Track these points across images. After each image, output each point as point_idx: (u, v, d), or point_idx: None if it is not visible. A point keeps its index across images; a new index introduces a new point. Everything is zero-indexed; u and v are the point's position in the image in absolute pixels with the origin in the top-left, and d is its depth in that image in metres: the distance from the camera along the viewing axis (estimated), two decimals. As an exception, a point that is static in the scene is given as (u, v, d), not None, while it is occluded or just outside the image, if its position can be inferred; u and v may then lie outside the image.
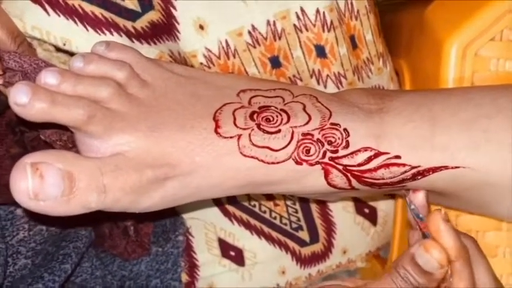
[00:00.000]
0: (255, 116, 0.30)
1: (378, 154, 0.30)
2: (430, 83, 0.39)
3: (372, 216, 0.45)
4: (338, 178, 0.31)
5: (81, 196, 0.26)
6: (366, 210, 0.45)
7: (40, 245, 0.36)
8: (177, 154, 0.29)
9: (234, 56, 0.35)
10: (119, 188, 0.27)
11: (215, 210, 0.43)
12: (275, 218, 0.44)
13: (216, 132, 0.29)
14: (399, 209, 0.44)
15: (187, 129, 0.29)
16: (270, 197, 0.43)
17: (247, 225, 0.43)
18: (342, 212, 0.44)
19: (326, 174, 0.30)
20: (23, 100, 0.26)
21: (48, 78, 0.27)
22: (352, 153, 0.30)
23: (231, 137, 0.29)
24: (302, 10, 0.34)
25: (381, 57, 0.39)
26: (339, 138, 0.30)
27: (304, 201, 0.44)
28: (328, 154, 0.30)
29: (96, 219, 0.36)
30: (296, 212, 0.44)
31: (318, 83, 0.38)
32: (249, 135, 0.30)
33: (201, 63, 0.35)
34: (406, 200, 0.31)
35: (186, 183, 0.29)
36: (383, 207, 0.45)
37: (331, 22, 0.35)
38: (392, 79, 0.42)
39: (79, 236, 0.38)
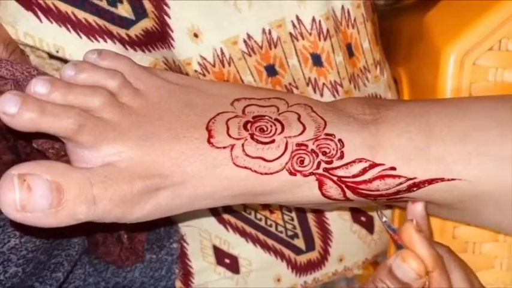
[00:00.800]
0: (248, 126, 0.30)
1: (373, 165, 0.30)
2: (427, 92, 0.38)
3: (368, 225, 0.45)
4: (332, 189, 0.30)
5: (70, 208, 0.26)
6: (363, 219, 0.45)
7: (31, 253, 0.36)
8: (169, 164, 0.28)
9: (229, 64, 0.35)
10: (109, 199, 0.27)
11: (210, 217, 0.43)
12: (270, 225, 0.43)
13: (209, 142, 0.29)
14: (396, 217, 0.43)
15: (180, 139, 0.29)
16: (265, 204, 0.43)
17: (243, 233, 0.43)
18: (339, 220, 0.44)
19: (320, 185, 0.30)
20: (12, 110, 0.25)
21: (38, 87, 0.27)
22: (346, 164, 0.30)
23: (224, 147, 0.29)
24: (298, 19, 0.34)
25: (378, 65, 0.39)
26: (333, 149, 0.30)
27: (300, 209, 0.43)
28: (323, 165, 0.30)
29: (88, 229, 0.36)
30: (292, 219, 0.44)
31: (315, 92, 0.37)
32: (242, 145, 0.29)
33: (196, 71, 0.35)
34: (377, 212, 0.31)
35: (178, 194, 0.29)
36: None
37: (327, 30, 0.34)
38: (389, 87, 0.41)
39: (71, 243, 0.38)
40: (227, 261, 0.43)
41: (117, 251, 0.41)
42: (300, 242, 0.44)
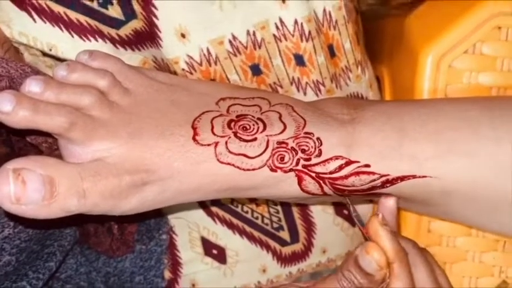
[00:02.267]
0: (232, 125, 0.31)
1: (348, 162, 0.31)
2: (406, 92, 0.40)
3: (351, 218, 0.46)
4: (311, 185, 0.32)
5: (62, 200, 0.27)
6: (345, 212, 0.46)
7: (25, 243, 0.37)
8: (155, 160, 0.30)
9: (216, 63, 0.36)
10: (99, 193, 0.28)
11: (199, 210, 0.44)
12: (257, 218, 0.45)
13: (194, 139, 0.31)
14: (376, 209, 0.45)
15: (166, 136, 0.30)
16: (252, 198, 0.44)
17: (230, 225, 0.44)
18: (322, 213, 0.45)
19: (299, 181, 0.32)
20: (7, 108, 0.27)
21: (32, 86, 0.28)
22: (324, 161, 0.31)
23: (208, 145, 0.31)
24: (281, 21, 0.35)
25: (359, 65, 0.40)
26: (312, 147, 0.31)
27: (285, 203, 0.45)
28: (302, 162, 0.31)
29: (80, 220, 0.37)
30: (277, 212, 0.45)
31: (298, 90, 0.39)
32: (226, 142, 0.31)
33: (183, 70, 0.36)
34: (348, 206, 0.32)
35: (165, 188, 0.31)
36: (361, 210, 0.47)
37: (309, 32, 0.36)
38: (371, 86, 0.43)
39: (63, 234, 0.39)
40: (214, 252, 0.44)
41: (108, 242, 0.42)
42: (285, 234, 0.45)
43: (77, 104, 0.29)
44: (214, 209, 0.44)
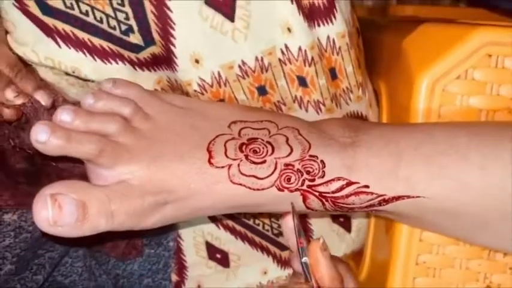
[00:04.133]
0: (243, 148, 0.34)
1: (349, 183, 0.34)
2: (402, 111, 0.42)
3: (346, 224, 0.49)
4: (314, 202, 0.35)
5: (92, 221, 0.30)
6: (341, 219, 0.49)
7: (24, 251, 0.39)
8: (175, 182, 0.32)
9: (225, 85, 0.39)
10: (124, 213, 0.31)
11: (204, 217, 0.46)
12: (258, 224, 0.48)
13: (210, 162, 0.33)
14: (372, 223, 0.47)
15: (184, 159, 0.33)
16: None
17: (233, 231, 0.47)
18: (319, 220, 0.48)
19: (304, 199, 0.35)
20: (43, 138, 0.29)
21: (63, 116, 0.31)
22: (327, 182, 0.34)
23: (222, 167, 0.33)
24: (286, 47, 0.38)
25: (360, 87, 0.43)
26: (316, 169, 0.34)
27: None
28: (307, 182, 0.34)
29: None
30: (277, 220, 0.48)
31: (300, 108, 0.41)
32: (238, 165, 0.33)
33: (195, 91, 0.39)
34: (293, 216, 0.35)
35: (183, 207, 0.33)
36: (359, 221, 0.50)
37: (312, 58, 0.38)
38: (370, 105, 0.45)
39: (55, 246, 0.41)
40: (218, 256, 0.47)
41: (123, 246, 0.44)
42: (284, 240, 0.48)
43: (104, 131, 0.32)
44: (218, 216, 0.47)
